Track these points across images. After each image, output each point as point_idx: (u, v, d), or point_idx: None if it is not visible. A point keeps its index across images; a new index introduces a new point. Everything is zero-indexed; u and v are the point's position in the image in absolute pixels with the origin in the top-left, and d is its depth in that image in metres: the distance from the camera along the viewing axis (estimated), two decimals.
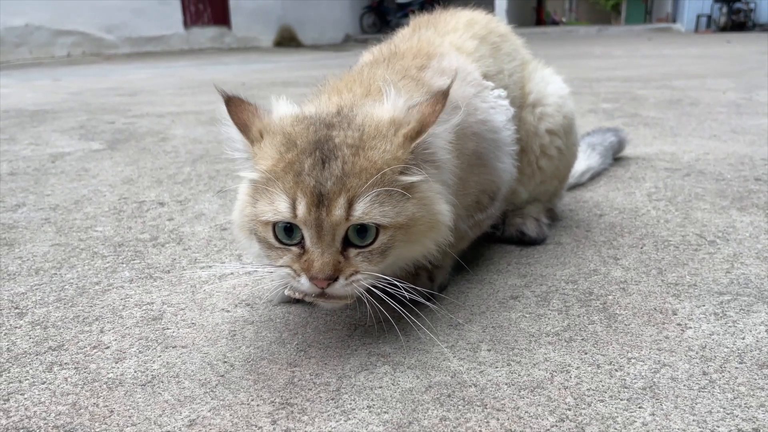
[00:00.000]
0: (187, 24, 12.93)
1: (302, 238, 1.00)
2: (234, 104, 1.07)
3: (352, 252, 1.00)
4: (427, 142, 1.03)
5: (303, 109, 1.12)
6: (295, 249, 1.01)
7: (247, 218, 1.05)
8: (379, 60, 1.33)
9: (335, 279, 0.99)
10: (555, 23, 30.25)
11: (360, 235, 0.99)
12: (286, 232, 1.01)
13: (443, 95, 1.03)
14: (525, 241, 1.55)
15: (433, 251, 1.11)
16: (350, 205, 0.96)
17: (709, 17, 15.75)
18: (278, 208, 0.98)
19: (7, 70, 8.21)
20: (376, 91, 1.15)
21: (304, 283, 1.00)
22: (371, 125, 1.03)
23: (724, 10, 15.48)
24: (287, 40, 14.54)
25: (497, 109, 1.33)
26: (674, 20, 18.69)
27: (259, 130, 1.05)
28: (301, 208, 0.96)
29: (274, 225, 1.01)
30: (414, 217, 1.02)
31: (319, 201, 0.96)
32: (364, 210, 0.97)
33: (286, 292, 1.07)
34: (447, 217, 1.08)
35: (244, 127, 1.06)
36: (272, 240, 1.02)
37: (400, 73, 1.23)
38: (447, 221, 1.08)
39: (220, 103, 1.07)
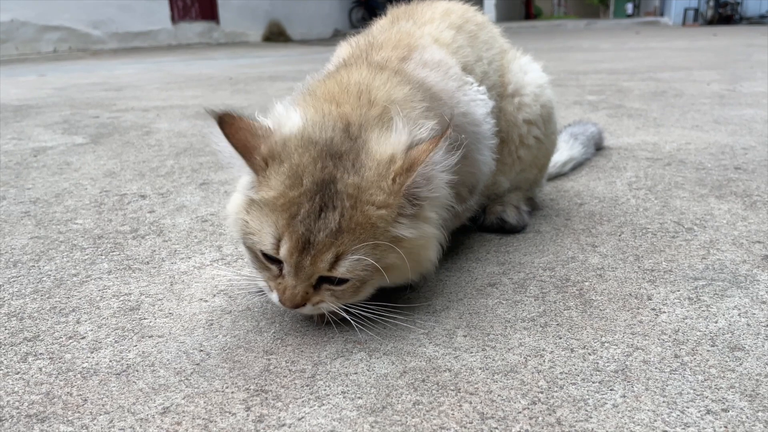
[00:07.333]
0: (174, 19, 12.84)
1: (282, 263, 1.02)
2: (228, 124, 1.02)
3: (324, 287, 1.04)
4: (417, 182, 1.00)
5: (306, 116, 1.07)
6: (274, 268, 1.05)
7: (240, 225, 1.06)
8: (357, 55, 1.32)
9: (303, 305, 1.04)
10: None
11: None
12: (269, 254, 1.03)
13: (443, 136, 0.98)
14: (505, 229, 1.56)
15: (415, 280, 1.14)
16: (336, 260, 0.98)
17: (697, 11, 15.84)
18: (264, 240, 1.01)
19: None
20: (366, 101, 1.11)
21: (274, 299, 1.05)
22: (372, 168, 0.99)
23: (711, 3, 15.58)
24: (276, 35, 14.48)
25: (477, 103, 1.33)
26: (662, 14, 18.79)
27: (263, 158, 1.01)
28: (284, 250, 0.99)
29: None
30: (396, 264, 1.03)
31: (304, 247, 0.98)
32: (348, 267, 0.99)
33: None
34: (433, 260, 1.10)
35: (245, 150, 1.01)
36: (258, 254, 1.05)
37: (380, 66, 1.22)
38: (433, 261, 1.10)
39: (211, 125, 1.02)
